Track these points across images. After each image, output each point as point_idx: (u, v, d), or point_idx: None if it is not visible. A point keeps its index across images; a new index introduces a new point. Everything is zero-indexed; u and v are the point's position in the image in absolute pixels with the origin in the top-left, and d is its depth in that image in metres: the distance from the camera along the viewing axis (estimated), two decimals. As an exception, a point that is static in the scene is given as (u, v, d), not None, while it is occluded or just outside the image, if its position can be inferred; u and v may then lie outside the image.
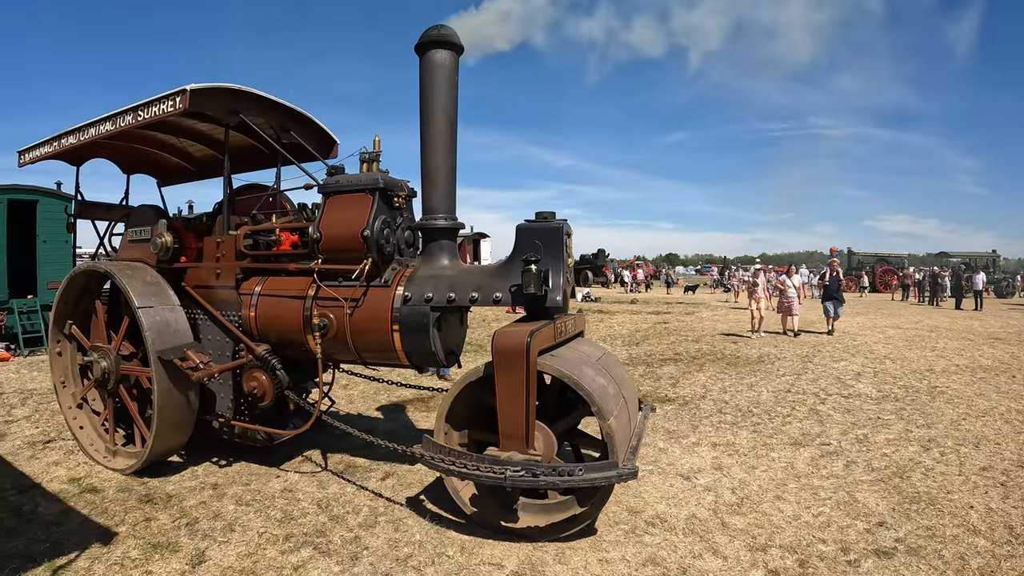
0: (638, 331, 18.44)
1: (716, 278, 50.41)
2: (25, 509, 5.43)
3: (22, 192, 14.28)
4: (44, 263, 14.30)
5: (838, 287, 18.12)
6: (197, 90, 5.46)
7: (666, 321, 21.16)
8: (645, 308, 27.15)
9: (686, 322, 20.86)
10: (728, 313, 24.49)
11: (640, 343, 15.80)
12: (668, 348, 14.85)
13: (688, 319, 21.94)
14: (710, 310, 26.10)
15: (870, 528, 5.05)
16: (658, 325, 19.92)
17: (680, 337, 16.87)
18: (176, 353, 5.66)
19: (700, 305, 29.31)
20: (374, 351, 5.47)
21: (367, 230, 5.15)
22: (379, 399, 9.32)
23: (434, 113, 5.41)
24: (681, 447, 7.01)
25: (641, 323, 20.58)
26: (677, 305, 29.26)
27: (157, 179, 8.54)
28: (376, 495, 5.67)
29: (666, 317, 22.71)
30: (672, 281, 48.95)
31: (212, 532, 4.96)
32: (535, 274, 4.60)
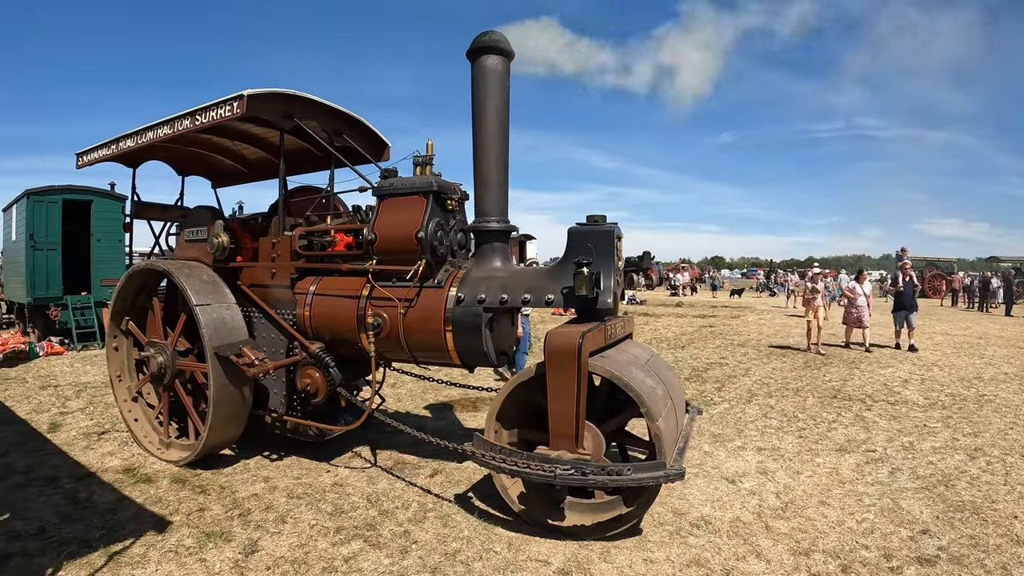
0: (684, 334, 18.31)
1: (762, 281, 49.80)
2: (81, 497, 5.60)
3: (77, 192, 14.68)
4: (98, 261, 14.73)
5: (912, 294, 15.67)
6: (254, 95, 5.58)
7: (712, 325, 20.95)
8: (691, 311, 26.94)
9: (732, 326, 20.63)
10: (775, 317, 24.20)
11: (686, 346, 15.70)
12: (714, 352, 14.73)
13: (734, 323, 21.69)
14: (756, 314, 25.77)
15: (913, 535, 5.01)
16: (704, 329, 19.76)
17: (726, 341, 16.72)
18: (232, 350, 5.81)
19: (746, 309, 28.94)
20: (427, 350, 5.57)
21: (421, 232, 5.26)
22: (427, 398, 9.43)
23: (486, 117, 5.51)
24: (726, 451, 7.00)
25: (687, 326, 20.44)
26: (723, 309, 28.92)
27: (212, 181, 8.76)
28: (425, 491, 5.76)
29: (712, 321, 22.48)
30: (718, 284, 48.62)
31: (264, 523, 5.09)
32: (587, 277, 4.66)
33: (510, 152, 5.63)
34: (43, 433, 7.57)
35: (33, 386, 10.28)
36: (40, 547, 4.68)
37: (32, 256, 13.92)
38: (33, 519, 5.15)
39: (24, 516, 5.21)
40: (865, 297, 15.27)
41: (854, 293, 15.38)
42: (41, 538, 4.82)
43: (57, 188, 14.43)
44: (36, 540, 4.79)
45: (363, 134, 7.10)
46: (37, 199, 14.16)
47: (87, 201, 14.71)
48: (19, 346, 12.66)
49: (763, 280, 51.40)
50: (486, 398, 8.88)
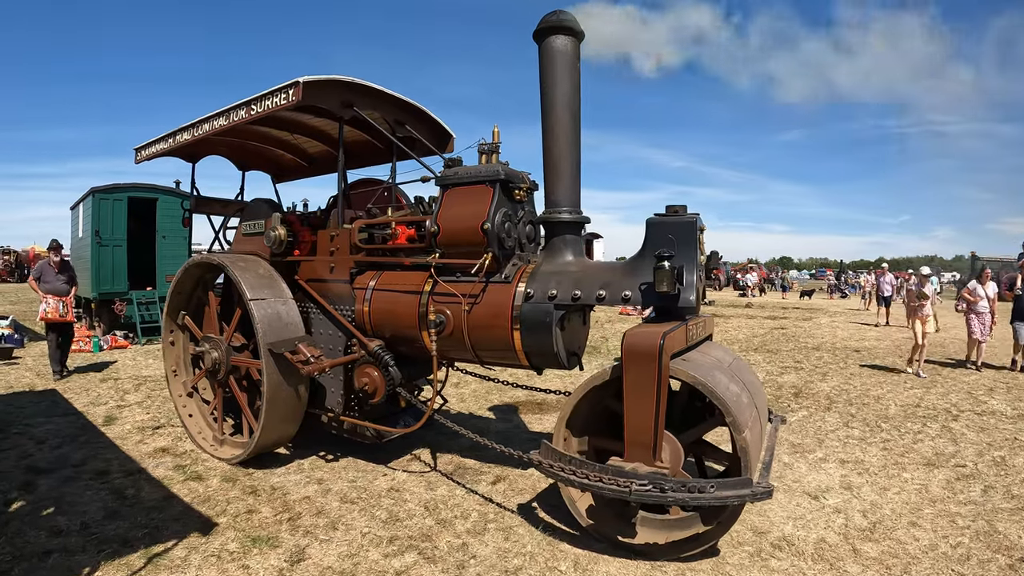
0: (755, 336, 17.76)
1: (833, 283, 48.72)
2: (128, 493, 5.47)
3: (142, 190, 15.00)
4: (163, 258, 14.99)
5: None
6: (310, 82, 5.37)
7: (783, 327, 20.36)
8: (760, 313, 26.38)
9: (804, 328, 20.02)
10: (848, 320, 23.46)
11: (758, 349, 15.15)
12: (788, 355, 14.16)
13: (806, 325, 21.06)
14: (828, 316, 25.08)
15: (1013, 564, 4.54)
16: (775, 331, 19.17)
17: (799, 344, 16.10)
18: (287, 346, 5.60)
19: (818, 311, 28.20)
20: (492, 350, 5.23)
21: (488, 223, 4.92)
22: (491, 399, 9.13)
23: (556, 102, 5.15)
24: (807, 463, 6.55)
25: (757, 328, 19.89)
26: (794, 310, 28.22)
27: (272, 175, 8.68)
28: (486, 500, 5.44)
29: (783, 323, 21.90)
30: (786, 285, 47.60)
31: (314, 529, 4.84)
32: (668, 271, 4.26)
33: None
34: (98, 426, 7.53)
35: (94, 379, 10.36)
36: (81, 544, 4.55)
37: (97, 252, 14.21)
38: (77, 514, 5.04)
39: (69, 511, 5.11)
40: (988, 302, 12.60)
41: (975, 296, 12.65)
42: (83, 534, 4.70)
43: (122, 186, 14.77)
44: (78, 536, 4.67)
45: (426, 124, 6.86)
46: (102, 197, 14.50)
47: (153, 199, 15.04)
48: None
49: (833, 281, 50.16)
50: (553, 401, 8.59)
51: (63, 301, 10.38)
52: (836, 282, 49.42)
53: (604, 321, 19.38)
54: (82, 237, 15.62)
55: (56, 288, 10.36)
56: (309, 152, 8.10)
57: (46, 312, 10.23)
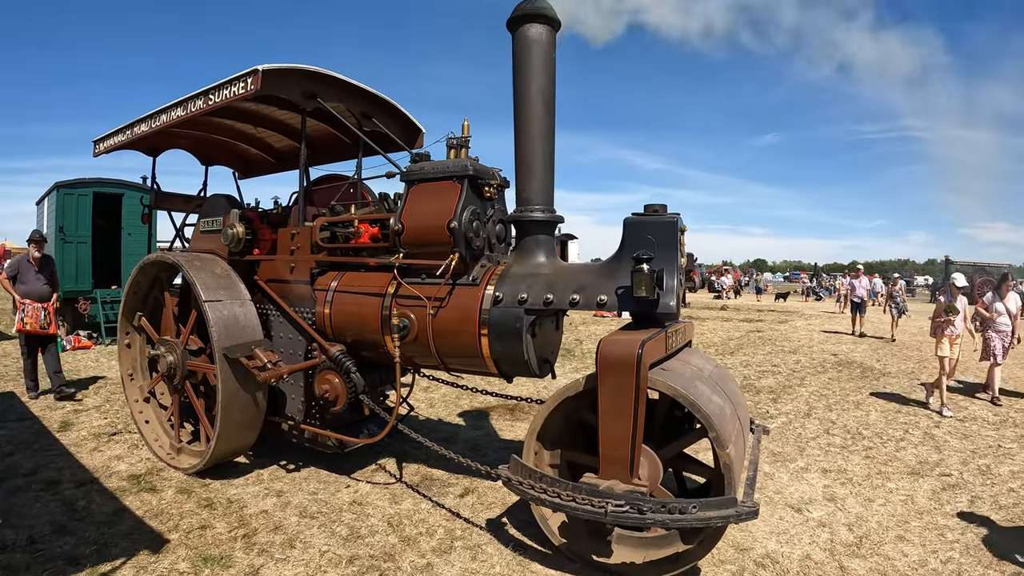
0: (731, 339, 17.60)
1: (809, 285, 49.00)
2: (79, 505, 5.17)
3: (108, 186, 14.51)
4: (128, 255, 14.50)
5: None
6: (270, 71, 5.07)
7: (760, 330, 20.22)
8: (736, 315, 26.25)
9: (781, 331, 19.89)
10: (824, 322, 23.43)
11: (735, 352, 14.97)
12: (765, 359, 13.98)
13: (782, 328, 20.94)
14: (804, 319, 25.05)
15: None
16: (752, 334, 19.02)
17: (776, 347, 15.94)
18: (243, 351, 5.29)
19: (793, 313, 28.20)
20: (459, 356, 4.94)
21: (454, 221, 4.62)
22: (461, 404, 8.83)
23: (529, 94, 4.86)
24: (788, 472, 6.34)
25: (733, 331, 19.74)
26: (769, 313, 28.18)
27: (236, 171, 8.38)
28: (453, 514, 5.15)
29: (759, 325, 21.80)
30: (761, 288, 47.77)
31: (270, 547, 4.54)
32: (647, 275, 3.98)
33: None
34: (53, 432, 7.18)
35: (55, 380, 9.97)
36: (25, 562, 4.27)
37: (61, 249, 13.76)
38: (25, 528, 4.75)
39: (17, 524, 4.81)
40: (1010, 317, 10.35)
41: (992, 312, 10.41)
42: (29, 551, 4.42)
43: (87, 181, 14.31)
44: (23, 553, 4.38)
45: (394, 118, 6.56)
46: (67, 192, 14.06)
47: (119, 194, 14.55)
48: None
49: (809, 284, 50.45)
50: (525, 407, 8.30)
51: (45, 308, 8.63)
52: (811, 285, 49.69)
53: (578, 323, 19.14)
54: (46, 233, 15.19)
55: (35, 291, 8.64)
56: (274, 147, 7.80)
57: (23, 322, 8.46)
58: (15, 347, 13.23)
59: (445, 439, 6.97)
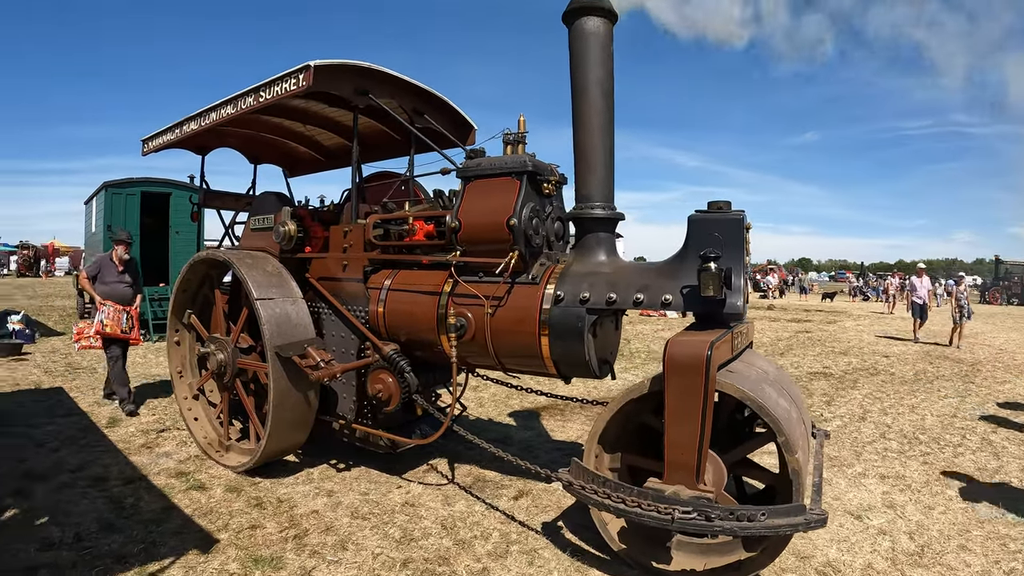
0: (780, 340, 17.26)
1: (856, 285, 48.15)
2: (127, 503, 5.13)
3: (156, 185, 14.79)
4: (176, 253, 14.74)
5: None
6: (322, 67, 5.00)
7: (808, 330, 19.84)
8: (783, 315, 25.86)
9: (830, 332, 19.48)
10: (873, 323, 22.88)
11: (784, 353, 14.65)
12: (815, 360, 13.66)
13: (831, 329, 20.52)
14: (853, 319, 24.52)
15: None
16: (800, 334, 18.66)
17: (826, 348, 15.56)
18: (295, 349, 5.22)
19: (841, 314, 27.69)
20: (517, 356, 4.82)
21: (514, 219, 4.49)
22: (511, 404, 8.69)
23: (588, 88, 4.71)
24: (847, 478, 6.13)
25: (782, 331, 19.40)
26: (816, 313, 27.72)
27: (285, 169, 8.37)
28: (508, 517, 5.02)
29: (807, 326, 21.40)
30: (806, 287, 47.09)
31: (322, 548, 4.45)
32: (715, 274, 3.82)
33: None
34: (101, 428, 7.21)
35: (102, 377, 10.05)
36: (72, 560, 4.20)
37: (109, 247, 13.85)
38: (72, 525, 4.70)
39: (63, 521, 4.77)
40: None
41: None
42: (76, 548, 4.36)
43: (135, 180, 14.62)
44: (70, 551, 4.32)
45: (446, 115, 6.47)
46: (115, 191, 14.35)
47: (166, 194, 14.80)
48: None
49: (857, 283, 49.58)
50: (577, 408, 8.14)
51: (127, 312, 8.00)
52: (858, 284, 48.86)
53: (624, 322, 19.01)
54: (95, 232, 15.55)
55: (117, 292, 8.03)
56: (324, 144, 7.75)
57: (103, 324, 7.74)
58: (64, 343, 13.48)
59: (497, 439, 6.84)
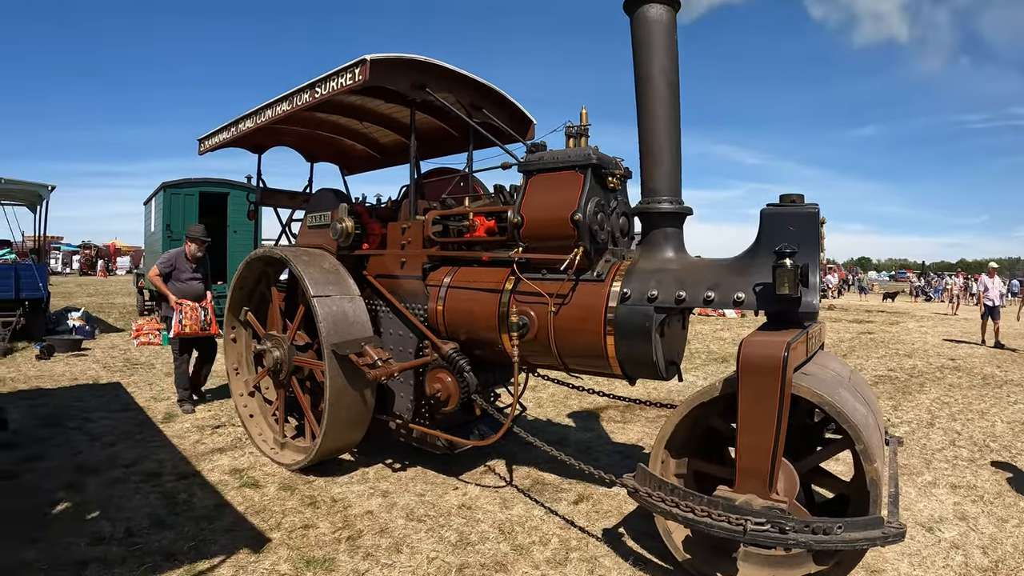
0: (842, 341, 16.74)
1: (917, 285, 46.93)
2: (180, 499, 5.12)
3: (213, 185, 15.06)
4: (234, 252, 14.95)
5: None
6: (378, 61, 4.90)
7: (871, 331, 19.31)
8: (845, 315, 25.26)
9: (893, 333, 18.92)
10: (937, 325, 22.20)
11: (847, 355, 14.19)
12: (879, 363, 13.20)
13: (894, 330, 19.94)
14: (916, 321, 23.82)
15: None
16: (863, 335, 18.13)
17: (890, 351, 15.06)
18: (352, 348, 5.14)
19: (904, 315, 26.97)
20: (580, 356, 4.65)
21: (578, 213, 4.32)
22: (570, 404, 8.51)
23: (652, 77, 4.51)
24: (916, 487, 5.82)
25: (843, 332, 18.87)
26: (878, 314, 27.02)
27: (342, 167, 8.35)
28: (567, 523, 4.85)
29: (869, 327, 20.85)
30: (866, 287, 46.14)
31: (375, 551, 4.34)
32: (791, 270, 3.61)
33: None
34: (157, 423, 7.27)
35: (159, 372, 10.22)
36: (122, 555, 4.18)
37: (168, 246, 14.23)
38: (123, 520, 4.70)
39: (115, 516, 4.77)
40: None
41: None
42: (126, 544, 4.34)
43: (193, 181, 14.93)
44: (120, 546, 4.31)
45: (504, 109, 6.35)
46: (174, 191, 14.68)
47: (224, 193, 15.08)
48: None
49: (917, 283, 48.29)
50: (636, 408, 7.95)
51: (204, 307, 7.91)
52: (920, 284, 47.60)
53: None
54: (154, 231, 15.88)
55: (191, 289, 7.92)
56: (380, 142, 7.70)
57: (182, 324, 7.58)
58: (123, 339, 13.74)
59: (555, 441, 6.68)
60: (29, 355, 11.57)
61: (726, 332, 17.40)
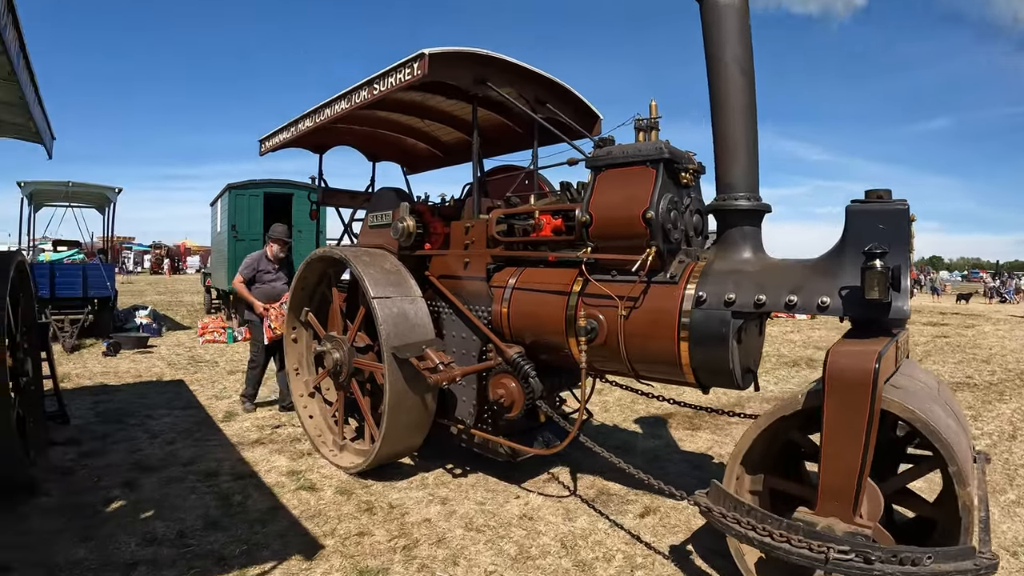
0: (916, 345, 15.93)
1: (992, 285, 45.09)
2: (235, 500, 5.07)
3: (278, 186, 15.28)
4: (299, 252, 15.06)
5: None
6: (437, 55, 4.77)
7: (945, 335, 18.43)
8: (918, 318, 24.15)
9: (968, 337, 18.01)
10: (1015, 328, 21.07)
11: (922, 360, 13.46)
12: (956, 369, 12.50)
13: (969, 333, 18.99)
14: (992, 324, 22.65)
15: None
16: (937, 339, 17.31)
17: (967, 356, 14.29)
18: (413, 351, 5.00)
19: (979, 317, 25.75)
20: (651, 363, 4.40)
21: (651, 211, 4.07)
22: (636, 409, 8.19)
23: (726, 66, 4.22)
24: (999, 506, 5.36)
25: (917, 336, 18.02)
26: (952, 316, 25.88)
27: (403, 166, 8.29)
28: (633, 538, 4.60)
29: (944, 330, 19.94)
30: (939, 288, 44.51)
31: (431, 562, 4.16)
32: (882, 273, 3.30)
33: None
34: (217, 422, 7.29)
35: (223, 370, 10.31)
36: (172, 557, 4.13)
37: (234, 246, 14.56)
38: (176, 520, 4.67)
39: (168, 516, 4.74)
40: None
41: None
42: (177, 545, 4.29)
43: (258, 182, 15.22)
44: (171, 547, 4.26)
45: (569, 104, 6.14)
46: (239, 193, 14.97)
47: (288, 194, 15.25)
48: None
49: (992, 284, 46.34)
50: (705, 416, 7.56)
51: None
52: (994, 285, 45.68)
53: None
54: (220, 232, 16.20)
55: (274, 291, 7.65)
56: (442, 140, 7.60)
57: (273, 330, 7.39)
58: (189, 337, 13.97)
59: (621, 448, 6.45)
60: (96, 352, 11.87)
61: (796, 334, 16.85)
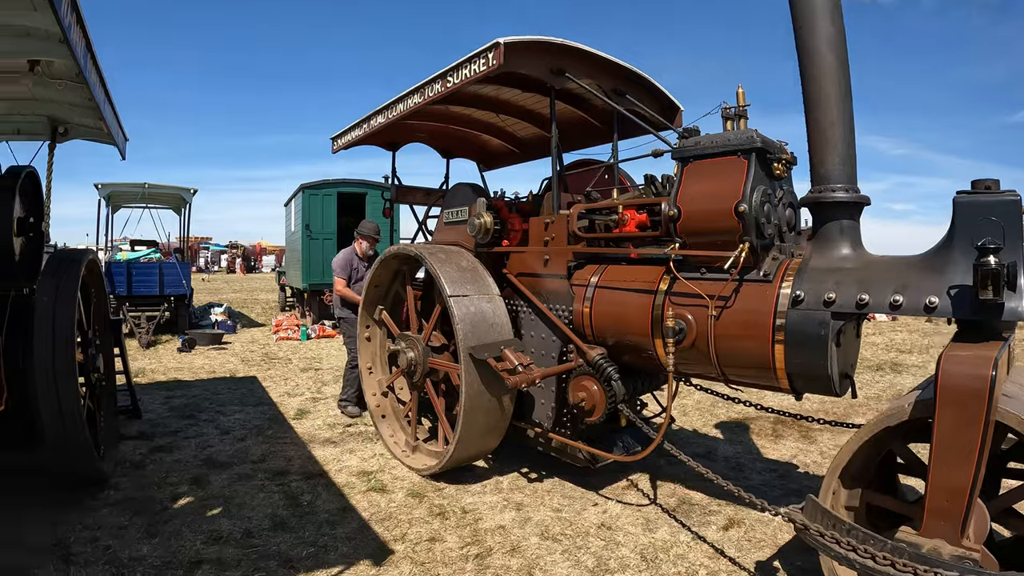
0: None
1: None
2: (304, 500, 5.01)
3: (351, 186, 15.47)
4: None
5: None
6: (513, 44, 4.62)
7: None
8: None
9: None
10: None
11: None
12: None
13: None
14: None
15: None
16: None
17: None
18: (491, 351, 4.85)
19: (1068, 324, 24.11)
20: (742, 367, 4.12)
21: (743, 204, 3.81)
22: (717, 413, 7.90)
23: (817, 49, 3.90)
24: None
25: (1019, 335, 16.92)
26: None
27: (478, 163, 8.20)
28: (716, 551, 4.34)
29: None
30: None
31: (505, 573, 4.00)
32: (996, 271, 2.94)
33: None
34: (289, 419, 7.31)
35: (295, 368, 10.38)
36: (237, 557, 4.08)
37: (308, 245, 14.75)
38: (243, 519, 4.64)
39: (236, 514, 4.72)
40: None
41: None
42: (243, 545, 4.25)
43: (331, 182, 15.47)
44: (236, 547, 4.22)
45: (649, 95, 5.91)
46: (312, 192, 15.19)
47: (362, 193, 15.45)
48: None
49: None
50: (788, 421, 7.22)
51: None
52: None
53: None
54: (294, 231, 16.46)
55: None
56: (518, 135, 7.42)
57: None
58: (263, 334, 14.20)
59: (703, 454, 6.19)
60: (171, 348, 12.17)
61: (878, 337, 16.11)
